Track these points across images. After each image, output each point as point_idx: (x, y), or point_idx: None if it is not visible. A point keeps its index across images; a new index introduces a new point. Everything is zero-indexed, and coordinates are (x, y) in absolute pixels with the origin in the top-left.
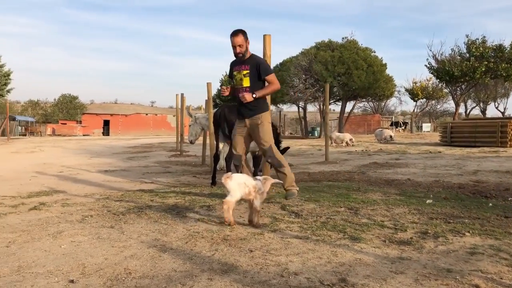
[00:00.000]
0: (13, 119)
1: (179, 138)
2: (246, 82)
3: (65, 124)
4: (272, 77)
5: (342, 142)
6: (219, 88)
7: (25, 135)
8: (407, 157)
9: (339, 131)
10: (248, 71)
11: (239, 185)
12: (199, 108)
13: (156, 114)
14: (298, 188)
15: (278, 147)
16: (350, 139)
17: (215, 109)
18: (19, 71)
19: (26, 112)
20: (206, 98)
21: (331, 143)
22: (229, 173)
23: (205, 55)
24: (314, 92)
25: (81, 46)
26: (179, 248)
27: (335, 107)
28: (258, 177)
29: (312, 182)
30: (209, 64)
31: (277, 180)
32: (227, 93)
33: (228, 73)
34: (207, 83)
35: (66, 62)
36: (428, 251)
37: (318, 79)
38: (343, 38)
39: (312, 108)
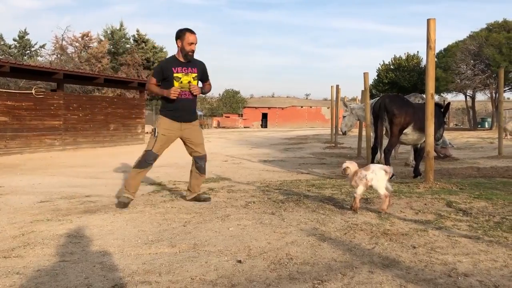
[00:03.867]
0: None
1: (334, 130)
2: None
3: (229, 117)
4: (209, 80)
5: None
6: (376, 78)
7: None
8: None
9: None
10: (196, 74)
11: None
12: (353, 99)
13: (310, 107)
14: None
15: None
16: None
17: (372, 100)
18: None
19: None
20: (363, 89)
21: (506, 135)
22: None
23: (360, 45)
24: (484, 78)
25: (241, 43)
26: (337, 239)
27: (511, 95)
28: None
29: (482, 178)
30: (364, 54)
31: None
32: (176, 95)
33: (159, 73)
34: (364, 73)
35: (228, 60)
36: None
37: (490, 64)
38: None
39: (481, 96)
